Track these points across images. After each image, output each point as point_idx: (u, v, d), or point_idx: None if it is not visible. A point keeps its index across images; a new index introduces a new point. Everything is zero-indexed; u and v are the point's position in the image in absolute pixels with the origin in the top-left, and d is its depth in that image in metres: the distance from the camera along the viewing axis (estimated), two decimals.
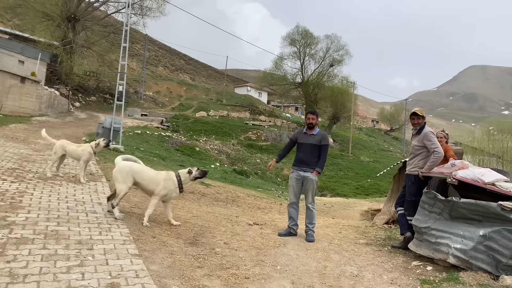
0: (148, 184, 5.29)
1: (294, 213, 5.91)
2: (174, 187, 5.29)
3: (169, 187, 5.27)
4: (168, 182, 5.29)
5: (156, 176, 5.36)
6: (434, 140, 5.34)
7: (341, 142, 47.54)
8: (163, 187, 5.25)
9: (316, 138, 5.84)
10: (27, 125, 17.80)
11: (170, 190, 5.28)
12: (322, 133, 5.94)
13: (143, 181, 5.30)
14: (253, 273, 4.08)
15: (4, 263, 3.35)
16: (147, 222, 5.16)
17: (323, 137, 5.86)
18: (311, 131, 5.93)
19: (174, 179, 5.32)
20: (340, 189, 26.70)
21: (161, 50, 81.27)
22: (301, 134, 6.01)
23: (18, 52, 27.98)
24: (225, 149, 29.86)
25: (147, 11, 37.46)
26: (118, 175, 5.24)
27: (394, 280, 4.17)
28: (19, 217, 4.54)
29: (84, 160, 7.18)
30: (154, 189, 5.28)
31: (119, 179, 5.21)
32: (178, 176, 5.37)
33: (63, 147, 7.23)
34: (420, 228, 4.94)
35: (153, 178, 5.32)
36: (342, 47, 49.15)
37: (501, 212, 4.25)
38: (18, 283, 3.05)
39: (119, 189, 5.20)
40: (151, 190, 5.31)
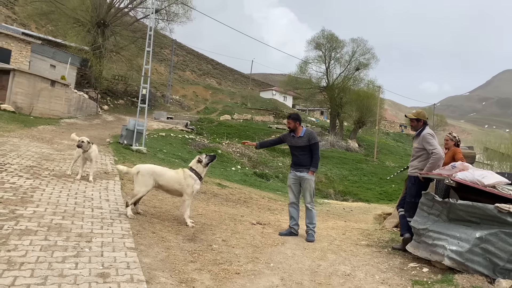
0: (173, 184, 5.55)
1: (295, 212, 5.97)
2: (195, 181, 5.56)
3: (191, 183, 5.52)
4: (188, 179, 5.54)
5: (176, 175, 5.60)
6: (432, 142, 5.30)
7: (367, 147, 46.96)
8: (186, 185, 5.50)
9: (304, 139, 5.89)
10: (55, 126, 18.47)
11: (193, 185, 5.53)
12: (308, 133, 5.98)
13: (166, 182, 5.54)
14: (245, 269, 4.16)
15: (5, 251, 3.55)
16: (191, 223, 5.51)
17: (310, 137, 5.91)
18: (298, 133, 5.98)
19: (191, 174, 5.58)
20: (362, 194, 26.38)
21: (189, 55, 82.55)
22: (289, 137, 6.07)
23: (49, 57, 29.11)
24: (247, 152, 30.00)
25: (173, 16, 38.31)
26: (140, 178, 5.46)
27: (385, 280, 4.16)
28: (27, 210, 4.78)
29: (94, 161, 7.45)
30: (177, 188, 5.53)
31: (140, 181, 5.43)
32: (192, 169, 5.62)
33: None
34: (418, 230, 4.90)
35: (175, 178, 5.57)
36: (368, 50, 48.66)
37: (498, 215, 4.18)
38: (14, 270, 3.24)
39: (137, 190, 5.44)
40: (176, 190, 5.56)
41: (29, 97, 20.88)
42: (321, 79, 51.00)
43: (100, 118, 28.35)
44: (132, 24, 40.26)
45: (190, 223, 5.51)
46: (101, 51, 32.66)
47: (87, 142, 7.15)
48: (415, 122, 5.68)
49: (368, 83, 49.66)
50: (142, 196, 5.60)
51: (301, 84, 51.49)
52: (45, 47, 29.32)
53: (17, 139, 10.70)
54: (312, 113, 71.59)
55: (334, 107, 48.89)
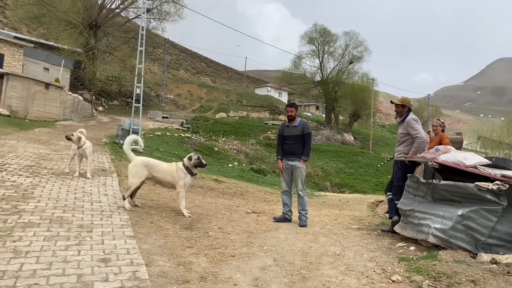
0: (165, 176, 5.77)
1: (288, 199, 6.19)
2: (185, 174, 5.78)
3: (182, 176, 5.75)
4: (180, 172, 5.77)
5: (169, 168, 5.83)
6: (416, 126, 5.52)
7: (362, 139, 47.23)
8: (178, 178, 5.74)
9: (298, 129, 6.10)
10: (51, 129, 18.58)
11: (184, 177, 5.76)
12: (303, 123, 6.19)
13: (159, 174, 5.75)
14: (240, 252, 4.37)
15: (10, 242, 3.74)
16: (187, 213, 5.74)
17: (304, 127, 6.12)
18: (293, 123, 6.20)
19: (183, 168, 5.81)
20: (359, 186, 26.64)
21: (182, 53, 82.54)
22: (285, 127, 6.28)
23: (43, 60, 29.16)
24: (244, 149, 30.20)
25: (165, 15, 38.39)
26: (132, 169, 5.68)
27: (373, 258, 4.38)
28: (29, 205, 4.97)
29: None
30: (169, 180, 5.76)
31: (132, 172, 5.65)
32: (184, 165, 5.85)
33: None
34: (405, 211, 5.12)
35: (168, 170, 5.80)
36: (361, 43, 48.84)
37: (478, 193, 4.40)
38: (20, 257, 3.43)
39: (131, 181, 5.64)
40: (168, 182, 5.79)
41: (23, 101, 20.97)
42: (315, 73, 51.20)
43: (95, 120, 28.45)
44: (124, 24, 40.30)
45: (187, 213, 5.72)
46: (94, 52, 32.73)
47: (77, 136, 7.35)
48: (400, 108, 5.90)
49: (362, 76, 49.94)
50: (137, 188, 5.78)
51: (295, 79, 51.65)
52: (38, 50, 29.37)
53: (14, 141, 10.85)
54: (307, 108, 71.82)
55: (329, 101, 49.11)
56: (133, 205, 5.74)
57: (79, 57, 32.42)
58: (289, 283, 3.59)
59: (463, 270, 3.79)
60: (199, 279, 3.50)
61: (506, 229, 4.35)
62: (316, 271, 3.93)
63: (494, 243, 4.41)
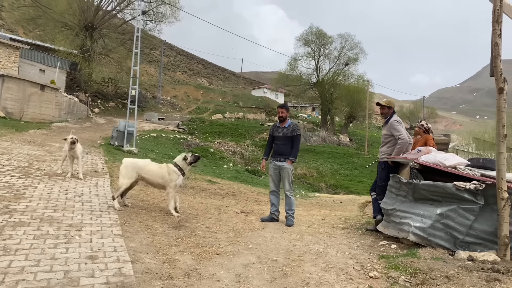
0: (155, 178, 5.89)
1: (275, 199, 6.33)
2: (178, 176, 5.88)
3: (174, 178, 5.84)
4: (172, 174, 5.87)
5: (160, 170, 5.94)
6: (399, 128, 5.67)
7: (358, 141, 47.43)
8: (170, 179, 5.82)
9: (288, 130, 6.24)
10: (46, 130, 18.65)
11: (176, 179, 5.85)
12: (293, 125, 6.33)
13: (149, 175, 5.88)
14: (225, 250, 4.50)
15: (1, 240, 3.86)
16: (175, 213, 5.83)
17: (294, 128, 6.25)
18: (283, 124, 6.34)
19: (175, 169, 5.91)
20: (354, 187, 26.79)
21: (179, 55, 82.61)
22: (276, 128, 6.42)
23: (39, 62, 29.20)
24: (239, 150, 30.32)
25: (161, 17, 38.51)
26: (122, 170, 5.83)
27: (354, 256, 4.51)
28: (20, 205, 5.09)
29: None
30: (160, 182, 5.87)
31: (122, 173, 5.79)
32: (177, 165, 5.95)
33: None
34: (387, 210, 5.26)
35: (158, 172, 5.91)
36: (356, 45, 49.12)
37: (456, 192, 4.55)
38: (10, 255, 3.55)
39: (121, 182, 5.79)
40: (158, 183, 5.91)
41: (19, 102, 21.04)
42: (311, 75, 51.39)
43: (91, 121, 28.51)
44: (121, 26, 40.36)
45: (175, 214, 5.83)
46: (90, 54, 32.77)
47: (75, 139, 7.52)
48: (386, 109, 6.04)
49: (357, 77, 50.19)
50: (127, 189, 5.91)
51: (291, 81, 51.85)
52: (33, 52, 29.40)
53: (8, 143, 10.94)
54: (304, 110, 72.02)
55: (325, 102, 49.32)
56: (123, 205, 5.87)
57: (75, 59, 32.45)
58: (270, 279, 3.72)
59: (439, 267, 3.93)
60: (182, 276, 3.62)
61: (483, 227, 4.49)
62: (297, 268, 4.06)
63: (472, 241, 4.56)
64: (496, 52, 4.41)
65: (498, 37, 4.39)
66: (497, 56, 4.40)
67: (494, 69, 4.43)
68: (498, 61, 4.41)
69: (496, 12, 4.41)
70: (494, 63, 4.43)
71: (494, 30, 4.41)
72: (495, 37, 4.40)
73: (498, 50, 4.40)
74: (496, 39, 4.40)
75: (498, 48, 4.39)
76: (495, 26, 4.40)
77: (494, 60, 4.43)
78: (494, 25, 4.41)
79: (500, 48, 4.40)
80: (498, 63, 4.41)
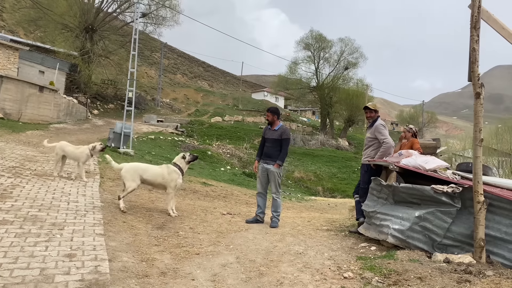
0: (156, 179, 6.05)
1: (261, 201, 6.39)
2: (178, 175, 6.09)
3: (175, 177, 6.05)
4: (173, 174, 6.07)
5: (160, 170, 6.12)
6: (384, 132, 5.73)
7: (357, 145, 47.46)
8: (170, 179, 6.01)
9: (277, 133, 6.29)
10: (43, 131, 18.74)
11: (177, 179, 6.06)
12: (282, 128, 6.37)
13: (150, 177, 6.06)
14: (205, 250, 4.56)
15: None
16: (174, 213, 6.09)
17: (283, 132, 6.30)
18: (274, 127, 6.38)
19: (176, 169, 6.12)
20: (351, 190, 26.71)
21: (180, 58, 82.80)
22: (267, 130, 6.48)
23: (38, 63, 29.35)
24: (238, 153, 30.41)
25: (162, 20, 38.67)
26: (126, 174, 5.98)
27: (332, 257, 4.57)
28: (5, 204, 5.15)
29: (81, 161, 7.78)
30: (160, 182, 6.07)
31: (128, 177, 5.96)
32: (176, 165, 6.18)
33: (62, 148, 7.84)
34: (368, 213, 5.32)
35: (158, 172, 6.09)
36: (356, 49, 49.28)
37: (434, 195, 4.61)
38: None
39: (128, 185, 5.94)
40: (159, 183, 6.10)
41: (17, 103, 21.16)
42: (311, 79, 51.57)
43: (89, 123, 28.61)
44: (121, 28, 40.55)
45: (173, 214, 6.04)
46: (89, 56, 32.91)
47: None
48: (373, 113, 6.12)
49: (357, 82, 50.35)
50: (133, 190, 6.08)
51: (291, 84, 51.97)
52: (33, 53, 29.55)
53: (2, 143, 11.02)
54: (303, 113, 72.14)
55: (324, 106, 49.43)
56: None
57: (75, 61, 32.60)
58: (245, 279, 3.78)
59: (414, 268, 3.99)
60: (159, 274, 3.69)
61: (460, 230, 4.55)
62: (274, 268, 4.12)
63: (449, 243, 4.62)
64: (474, 57, 4.47)
65: (475, 42, 4.46)
66: (474, 61, 4.47)
67: (472, 74, 4.50)
68: (475, 66, 4.48)
69: (474, 18, 4.48)
70: (472, 68, 4.50)
71: (472, 36, 4.48)
72: (473, 43, 4.47)
73: (476, 55, 4.46)
74: (473, 45, 4.46)
75: (476, 53, 4.46)
76: (473, 32, 4.47)
77: (472, 65, 4.49)
78: (472, 31, 4.48)
79: (477, 54, 4.47)
80: (475, 68, 4.48)
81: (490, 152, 27.50)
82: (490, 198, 4.35)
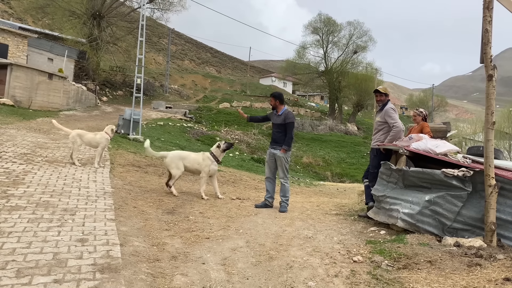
0: (193, 164, 6.76)
1: (270, 186, 6.41)
2: (211, 162, 6.72)
3: (208, 163, 6.68)
4: (206, 160, 6.71)
5: (197, 157, 6.82)
6: (394, 116, 5.68)
7: (366, 129, 47.21)
8: (204, 165, 6.67)
9: (281, 118, 6.29)
10: (53, 118, 18.86)
11: (209, 165, 6.69)
12: (286, 112, 6.35)
13: (190, 164, 6.74)
14: (215, 235, 4.59)
15: None
16: (205, 196, 6.61)
17: (286, 116, 6.28)
18: (278, 112, 6.37)
19: (210, 156, 6.76)
20: (360, 175, 26.71)
21: (187, 44, 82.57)
22: (273, 115, 6.48)
23: (47, 50, 29.45)
24: (246, 139, 30.43)
25: (169, 5, 38.45)
26: (171, 163, 6.65)
27: (342, 241, 4.58)
28: (18, 191, 5.22)
29: (102, 146, 7.84)
30: (197, 168, 6.74)
31: (173, 166, 6.64)
32: (211, 153, 6.80)
33: (80, 136, 7.82)
34: (378, 197, 5.31)
35: (196, 159, 6.79)
36: (365, 33, 48.77)
37: (445, 179, 4.58)
38: (3, 237, 3.67)
39: (174, 173, 6.62)
40: (196, 169, 6.77)
41: (27, 91, 21.30)
42: (320, 63, 51.21)
43: (99, 110, 28.77)
44: (128, 14, 40.41)
45: (205, 197, 6.58)
46: (97, 42, 32.92)
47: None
48: (383, 96, 6.05)
49: (366, 66, 49.88)
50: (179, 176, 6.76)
51: (299, 69, 51.69)
52: (42, 41, 29.65)
53: (14, 131, 11.13)
54: (312, 98, 71.77)
55: (333, 91, 49.15)
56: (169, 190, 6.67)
57: (83, 48, 32.67)
58: (255, 262, 3.81)
59: (424, 252, 3.98)
60: (169, 258, 3.73)
61: (471, 213, 4.52)
62: (284, 252, 4.14)
63: (460, 227, 4.60)
64: (486, 39, 4.39)
65: (488, 23, 4.36)
66: (487, 42, 4.38)
67: (484, 56, 4.42)
68: (488, 47, 4.39)
69: None
70: (484, 49, 4.42)
71: (485, 17, 4.38)
72: (486, 24, 4.37)
73: (488, 36, 4.38)
74: (486, 26, 4.37)
75: (488, 34, 4.37)
76: (486, 13, 4.37)
77: (484, 46, 4.41)
78: (485, 12, 4.38)
79: (490, 35, 4.38)
80: (488, 49, 4.39)
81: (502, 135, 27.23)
82: (501, 182, 4.31)
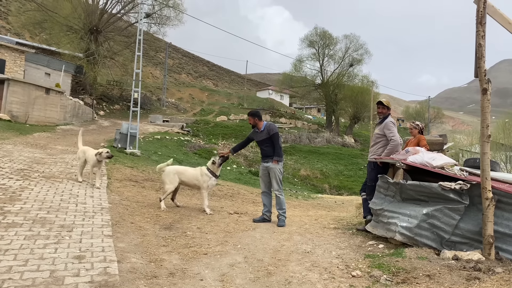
0: (191, 180, 6.75)
1: (267, 200, 6.42)
2: (210, 178, 6.68)
3: (206, 179, 6.65)
4: (204, 176, 6.67)
5: (195, 172, 6.78)
6: (393, 129, 5.71)
7: (363, 142, 47.33)
8: (203, 181, 6.64)
9: (264, 132, 6.37)
10: (50, 133, 18.86)
11: (207, 181, 6.65)
12: (267, 126, 6.42)
13: (187, 179, 6.74)
14: (213, 250, 4.57)
15: None
16: (209, 211, 6.60)
17: (269, 129, 6.36)
18: (260, 128, 6.42)
19: (207, 172, 6.70)
20: (358, 188, 26.66)
21: (184, 57, 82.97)
22: (255, 133, 6.54)
23: (44, 65, 29.55)
24: (243, 152, 30.37)
25: (166, 20, 38.73)
26: (165, 178, 6.66)
27: (340, 255, 4.57)
28: (15, 207, 5.19)
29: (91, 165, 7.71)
30: (195, 183, 6.73)
31: (166, 181, 6.64)
32: (208, 169, 6.74)
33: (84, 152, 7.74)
34: (376, 210, 5.31)
35: (194, 174, 6.77)
36: (361, 46, 49.14)
37: (442, 192, 4.59)
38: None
39: (166, 187, 6.62)
40: (194, 184, 6.77)
41: (24, 106, 21.30)
42: (316, 76, 51.49)
43: (96, 124, 28.76)
44: (125, 29, 40.68)
45: (209, 211, 6.58)
46: (95, 57, 33.04)
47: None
48: (385, 109, 6.09)
49: (362, 78, 50.19)
50: (172, 191, 6.77)
51: (296, 82, 51.96)
52: (39, 56, 29.76)
53: (11, 146, 11.11)
54: (309, 111, 72.04)
55: (330, 103, 49.34)
56: (176, 205, 6.89)
57: (80, 62, 32.78)
58: (253, 278, 3.79)
59: (422, 266, 3.97)
60: (167, 275, 3.70)
61: (468, 227, 4.53)
62: (282, 267, 4.12)
63: (458, 240, 4.59)
64: (480, 53, 4.44)
65: (481, 38, 4.42)
66: (481, 57, 4.44)
67: (478, 70, 4.47)
68: (482, 62, 4.44)
69: (479, 14, 4.45)
70: (478, 64, 4.47)
71: (478, 32, 4.44)
72: (479, 39, 4.44)
73: (482, 51, 4.43)
74: (479, 40, 4.43)
75: (482, 49, 4.43)
76: (479, 28, 4.44)
77: (478, 61, 4.46)
78: (478, 27, 4.45)
79: (484, 49, 4.44)
80: (482, 64, 4.45)
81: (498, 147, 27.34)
82: (498, 195, 4.33)
